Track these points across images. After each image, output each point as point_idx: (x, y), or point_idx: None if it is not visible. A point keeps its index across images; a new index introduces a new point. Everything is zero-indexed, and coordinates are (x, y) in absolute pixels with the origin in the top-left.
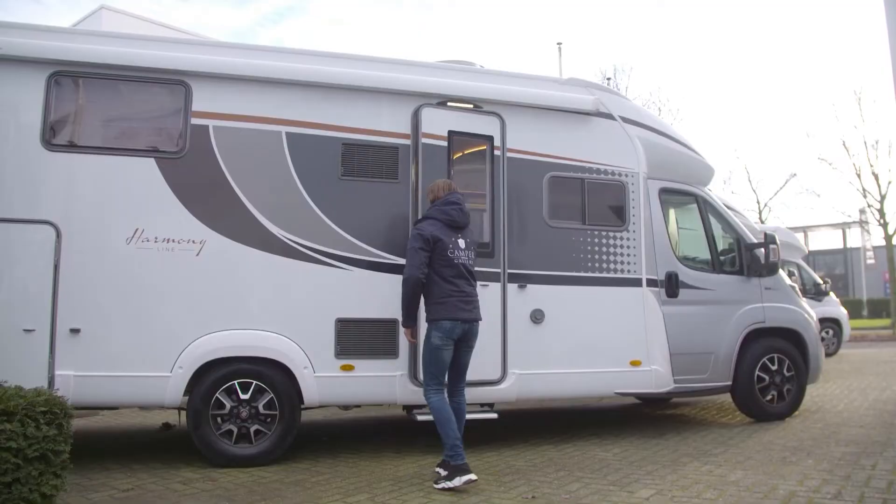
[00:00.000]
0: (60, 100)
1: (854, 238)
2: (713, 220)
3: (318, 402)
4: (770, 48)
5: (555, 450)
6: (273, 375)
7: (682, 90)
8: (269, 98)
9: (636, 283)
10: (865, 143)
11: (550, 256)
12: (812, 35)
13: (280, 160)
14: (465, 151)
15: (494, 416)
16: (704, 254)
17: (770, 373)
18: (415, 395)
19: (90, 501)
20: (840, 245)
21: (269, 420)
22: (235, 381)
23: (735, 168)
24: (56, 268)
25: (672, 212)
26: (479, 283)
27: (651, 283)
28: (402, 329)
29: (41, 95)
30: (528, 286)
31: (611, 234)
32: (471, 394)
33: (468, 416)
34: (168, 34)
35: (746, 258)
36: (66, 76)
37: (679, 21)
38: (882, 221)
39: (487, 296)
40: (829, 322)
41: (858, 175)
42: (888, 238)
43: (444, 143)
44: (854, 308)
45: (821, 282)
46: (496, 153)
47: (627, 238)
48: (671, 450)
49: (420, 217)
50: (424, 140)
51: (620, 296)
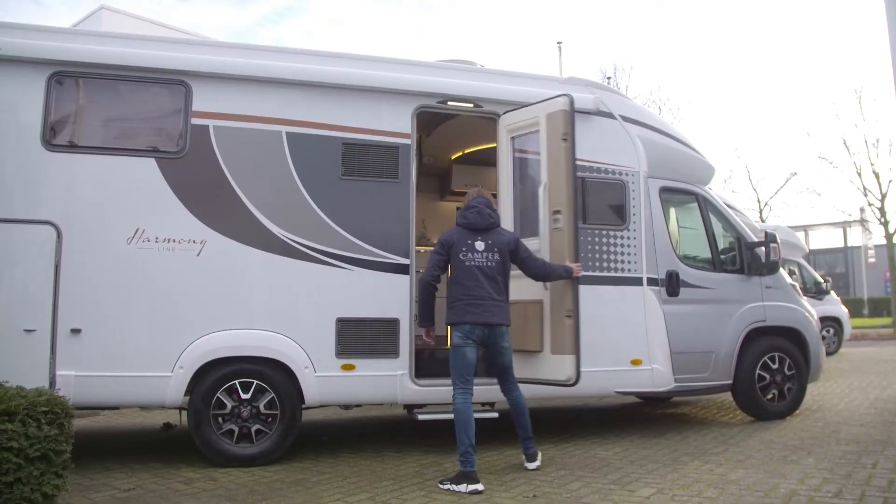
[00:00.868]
0: (60, 100)
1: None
2: (714, 219)
3: (319, 402)
4: (770, 47)
5: (556, 449)
6: (274, 375)
7: (683, 89)
8: (270, 98)
9: (637, 282)
10: (866, 142)
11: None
12: (812, 34)
13: (280, 160)
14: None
15: (495, 416)
16: (705, 253)
17: (771, 371)
18: (415, 395)
19: (91, 501)
20: (841, 244)
21: (270, 420)
22: (236, 381)
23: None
24: (57, 268)
25: (673, 211)
26: None
27: (652, 282)
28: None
29: (41, 96)
30: None
31: (611, 233)
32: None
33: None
34: (168, 34)
35: (747, 257)
36: (67, 76)
37: (679, 20)
38: (883, 220)
39: None
40: (830, 321)
41: (859, 174)
42: (889, 237)
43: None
44: (855, 307)
45: (821, 280)
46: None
47: (628, 237)
48: (672, 449)
49: None
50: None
51: (621, 295)
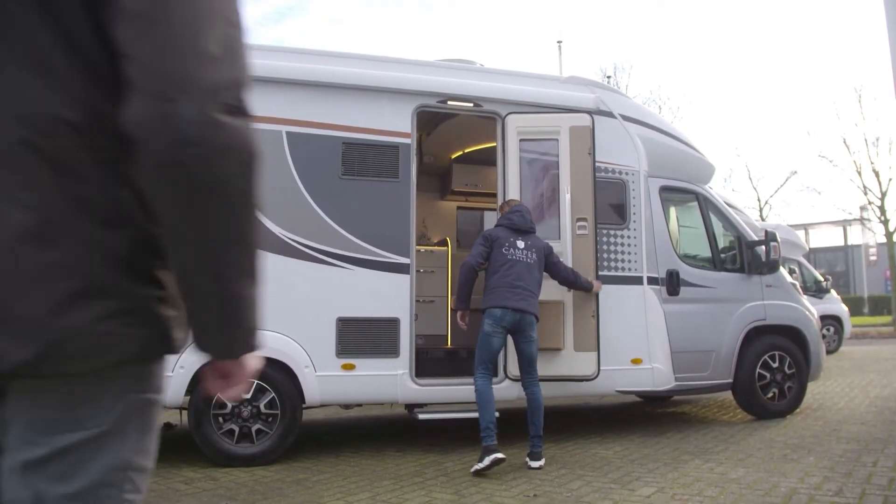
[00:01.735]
0: None
1: (855, 235)
2: (714, 218)
3: (320, 402)
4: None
5: (556, 447)
6: (274, 375)
7: (683, 88)
8: (270, 97)
9: (637, 282)
10: (866, 141)
11: None
12: (812, 34)
13: (281, 159)
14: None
15: (496, 415)
16: (705, 252)
17: (771, 370)
18: (416, 394)
19: None
20: (841, 242)
21: (271, 419)
22: None
23: (736, 166)
24: None
25: (673, 210)
26: None
27: (652, 281)
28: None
29: None
30: None
31: (611, 233)
32: (470, 392)
33: (469, 416)
34: None
35: (747, 256)
36: None
37: (679, 20)
38: (883, 219)
39: None
40: (830, 319)
41: (859, 172)
42: (889, 235)
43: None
44: (855, 305)
45: (822, 279)
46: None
47: (628, 236)
48: (672, 448)
49: None
50: None
51: (621, 294)
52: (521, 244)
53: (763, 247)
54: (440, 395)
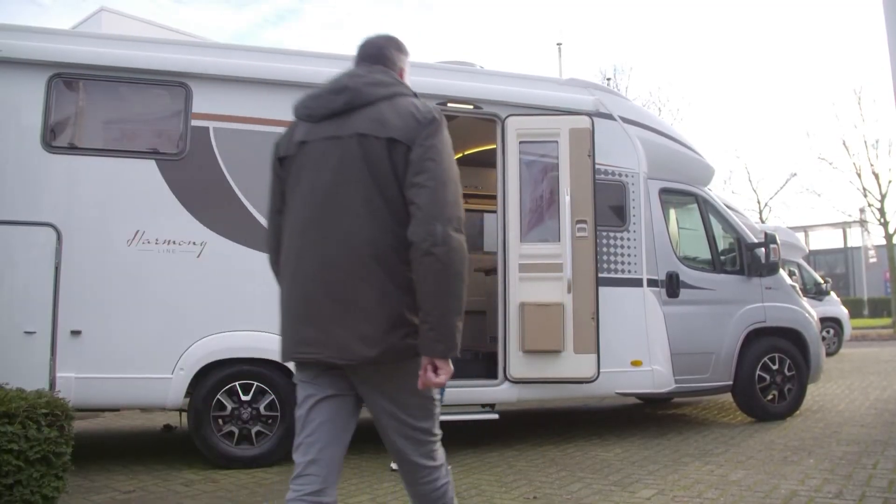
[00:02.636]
0: (61, 102)
1: (855, 237)
2: (713, 220)
3: None
4: (770, 48)
5: (556, 450)
6: (274, 376)
7: (683, 90)
8: (270, 99)
9: (637, 284)
10: (865, 143)
11: None
12: (812, 35)
13: None
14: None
15: (496, 417)
16: (705, 254)
17: (771, 372)
18: None
19: (92, 503)
20: (841, 244)
21: (271, 421)
22: (237, 383)
23: (735, 168)
24: (57, 270)
25: (672, 212)
26: None
27: (652, 283)
28: None
29: (41, 97)
30: None
31: (611, 235)
32: (472, 394)
33: (470, 417)
34: (168, 36)
35: (747, 258)
36: (67, 78)
37: (679, 21)
38: (882, 221)
39: None
40: (830, 321)
41: (859, 174)
42: (888, 237)
43: None
44: (855, 307)
45: (821, 281)
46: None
47: (628, 238)
48: (672, 450)
49: None
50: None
51: (621, 296)
52: None
53: (763, 249)
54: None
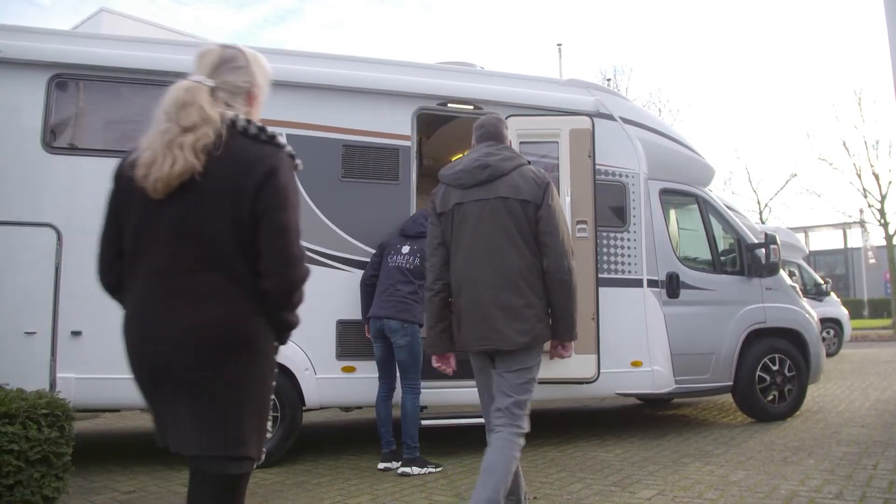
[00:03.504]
0: (61, 102)
1: (855, 238)
2: (714, 221)
3: (320, 404)
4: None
5: (556, 450)
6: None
7: (683, 91)
8: (270, 100)
9: (637, 284)
10: (866, 143)
11: None
12: (812, 35)
13: None
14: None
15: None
16: (705, 254)
17: (771, 373)
18: None
19: None
20: (841, 245)
21: (271, 422)
22: None
23: (735, 168)
24: (57, 270)
25: (673, 212)
26: None
27: (652, 284)
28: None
29: (42, 98)
30: None
31: (611, 235)
32: (469, 396)
33: (470, 419)
34: (168, 37)
35: (747, 258)
36: (67, 79)
37: (679, 21)
38: (882, 221)
39: None
40: (830, 322)
41: (859, 175)
42: (888, 238)
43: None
44: (855, 308)
45: (821, 282)
46: None
47: (628, 239)
48: (672, 450)
49: None
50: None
51: (621, 296)
52: (406, 249)
53: (763, 249)
54: (441, 399)
